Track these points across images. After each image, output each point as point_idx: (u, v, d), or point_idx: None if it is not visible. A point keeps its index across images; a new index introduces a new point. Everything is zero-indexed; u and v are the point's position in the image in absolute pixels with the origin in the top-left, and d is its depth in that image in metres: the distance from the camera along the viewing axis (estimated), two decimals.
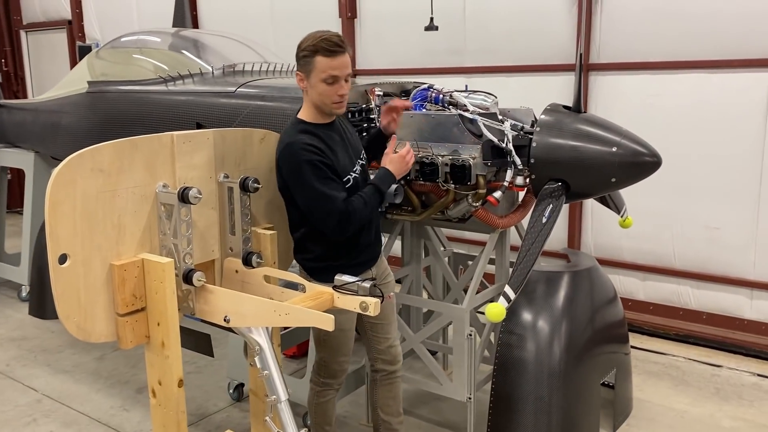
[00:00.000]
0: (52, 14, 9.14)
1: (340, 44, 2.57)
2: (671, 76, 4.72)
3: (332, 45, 2.55)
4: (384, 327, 3.06)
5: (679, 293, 4.97)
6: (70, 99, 4.75)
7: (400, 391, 3.18)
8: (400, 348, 3.16)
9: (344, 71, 2.59)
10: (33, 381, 4.38)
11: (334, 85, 2.59)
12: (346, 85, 2.62)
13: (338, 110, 2.67)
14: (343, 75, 2.60)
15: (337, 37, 2.58)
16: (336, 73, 2.57)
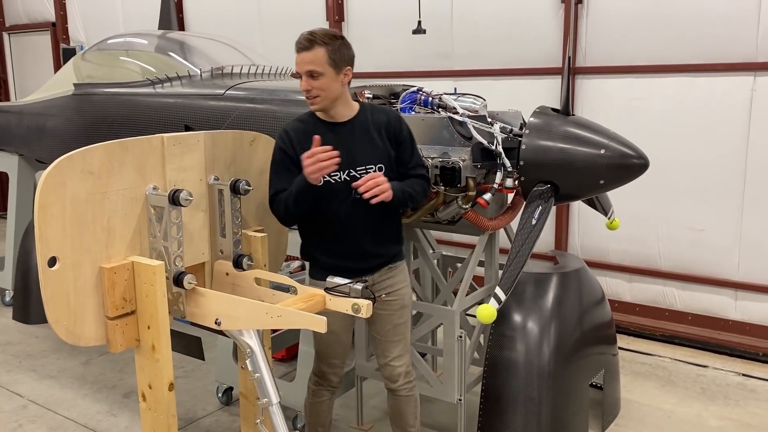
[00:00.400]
0: (35, 16, 9.05)
1: (303, 41, 2.58)
2: (656, 80, 4.78)
3: (298, 41, 2.61)
4: (382, 344, 2.95)
5: (664, 294, 5.03)
6: (56, 101, 4.70)
7: (407, 409, 3.01)
8: (404, 369, 2.95)
9: (303, 67, 2.59)
10: (18, 386, 4.32)
11: (301, 82, 2.64)
12: (307, 81, 2.60)
13: (310, 106, 2.70)
14: (303, 71, 2.60)
15: (308, 34, 2.59)
16: (297, 68, 2.64)
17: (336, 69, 2.61)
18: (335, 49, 2.60)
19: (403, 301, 2.93)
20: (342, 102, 2.72)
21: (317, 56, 2.57)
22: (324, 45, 2.57)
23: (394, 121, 2.80)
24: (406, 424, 3.02)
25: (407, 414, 3.00)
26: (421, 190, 2.85)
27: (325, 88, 2.61)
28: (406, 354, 2.97)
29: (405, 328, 2.96)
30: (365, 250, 2.80)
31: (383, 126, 2.72)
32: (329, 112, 2.73)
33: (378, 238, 2.82)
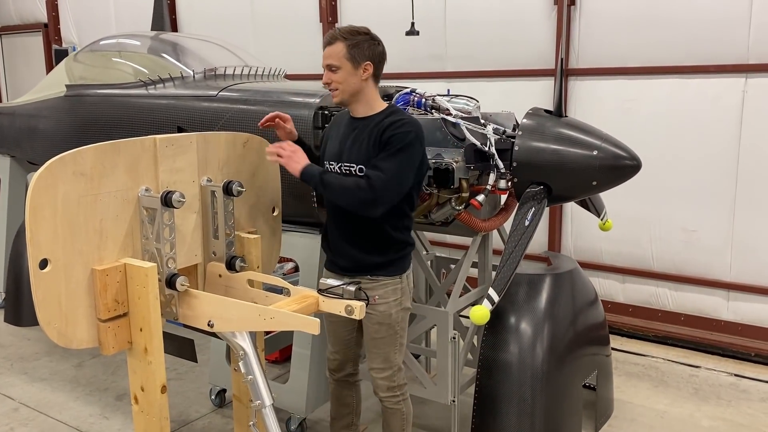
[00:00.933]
0: (27, 17, 9.01)
1: (327, 36, 2.72)
2: (648, 82, 4.81)
3: (325, 37, 2.75)
4: (366, 350, 2.97)
5: (657, 295, 5.05)
6: (48, 103, 4.68)
7: (392, 421, 2.98)
8: (387, 382, 2.90)
9: (324, 61, 2.72)
10: (9, 389, 4.30)
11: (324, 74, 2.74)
12: (327, 74, 2.71)
13: (333, 99, 2.78)
14: (323, 64, 2.72)
15: (334, 30, 2.74)
16: (323, 62, 2.73)
17: (354, 64, 2.67)
18: (354, 44, 2.66)
19: (380, 317, 2.81)
20: (362, 98, 2.74)
21: (336, 51, 2.67)
22: (344, 40, 2.67)
23: (388, 127, 2.66)
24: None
25: (392, 425, 3.00)
26: (348, 185, 2.63)
27: (342, 81, 2.68)
28: (388, 369, 2.89)
29: (385, 344, 2.86)
30: (340, 246, 2.85)
31: (380, 129, 2.68)
32: (349, 107, 2.79)
33: (354, 239, 2.80)
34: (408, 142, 2.64)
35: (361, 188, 2.60)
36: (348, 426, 3.20)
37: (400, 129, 2.65)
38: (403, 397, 2.97)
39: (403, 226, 2.83)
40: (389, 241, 2.79)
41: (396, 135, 2.64)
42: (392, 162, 2.61)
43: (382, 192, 2.60)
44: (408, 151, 2.64)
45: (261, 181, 2.95)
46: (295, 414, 3.63)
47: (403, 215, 2.81)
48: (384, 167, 2.61)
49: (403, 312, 2.89)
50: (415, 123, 2.73)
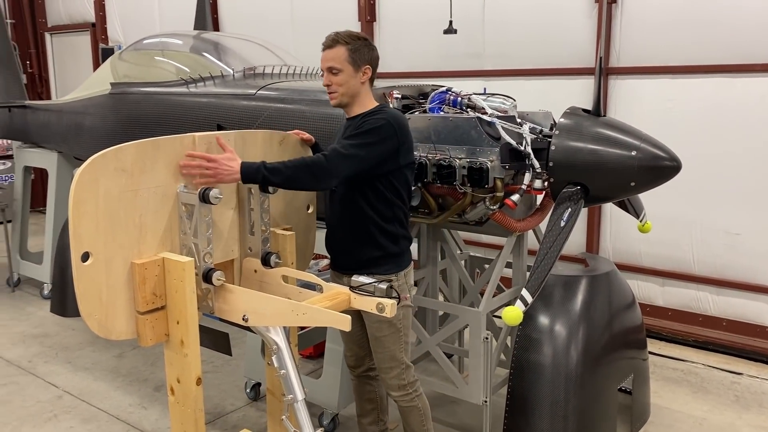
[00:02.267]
0: (76, 17, 9.29)
1: (328, 40, 2.73)
2: (691, 80, 4.69)
3: (324, 40, 2.75)
4: (374, 351, 2.96)
5: (698, 299, 4.93)
6: (93, 100, 4.82)
7: (410, 418, 3.00)
8: (396, 382, 2.92)
9: (325, 64, 2.74)
10: (54, 378, 4.45)
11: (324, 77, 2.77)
12: (327, 77, 2.74)
13: (331, 102, 2.80)
14: (324, 67, 2.75)
15: (333, 34, 2.74)
16: (321, 65, 2.77)
17: (355, 67, 2.71)
18: (355, 49, 2.71)
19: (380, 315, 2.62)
20: (358, 100, 2.78)
21: (338, 54, 2.70)
22: (345, 44, 2.70)
23: (368, 116, 2.72)
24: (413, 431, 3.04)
25: (411, 422, 3.02)
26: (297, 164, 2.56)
27: (343, 84, 2.72)
28: (397, 367, 2.89)
29: (389, 342, 2.86)
30: (336, 242, 2.91)
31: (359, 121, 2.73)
32: (346, 108, 2.82)
33: (348, 235, 2.83)
34: (376, 126, 2.66)
35: (314, 161, 2.60)
36: (375, 422, 3.22)
37: (373, 116, 2.72)
38: (416, 393, 2.98)
39: (393, 215, 2.79)
40: (381, 232, 2.77)
41: (367, 120, 2.70)
42: (352, 140, 2.66)
43: (336, 162, 2.59)
44: (373, 132, 2.65)
45: None
46: (328, 409, 3.67)
47: (390, 203, 2.77)
48: (343, 143, 2.67)
49: (404, 309, 2.87)
50: (392, 113, 2.76)
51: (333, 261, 2.98)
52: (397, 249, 2.83)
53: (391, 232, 2.81)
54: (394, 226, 2.81)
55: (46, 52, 9.90)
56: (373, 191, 2.74)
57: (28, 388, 4.30)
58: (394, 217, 2.81)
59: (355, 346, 3.11)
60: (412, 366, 2.97)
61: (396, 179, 2.77)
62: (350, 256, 2.85)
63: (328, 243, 2.96)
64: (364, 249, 2.80)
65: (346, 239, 2.85)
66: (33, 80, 9.85)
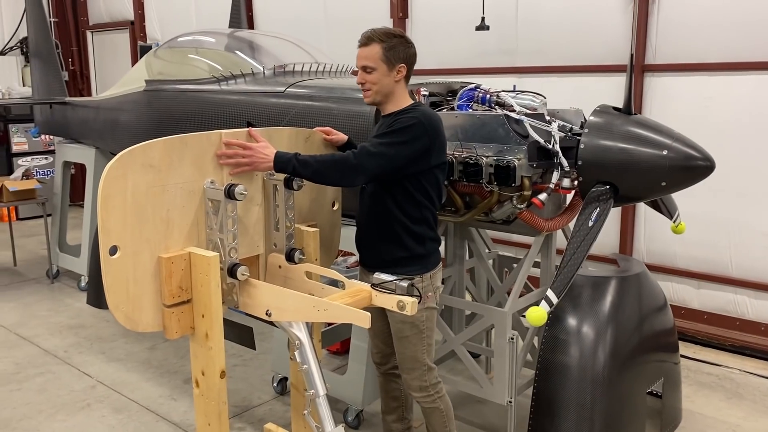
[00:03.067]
0: (116, 15, 9.49)
1: (361, 37, 2.73)
2: (729, 78, 4.57)
3: (359, 38, 2.74)
4: (396, 351, 2.95)
5: (735, 303, 4.80)
6: (129, 97, 4.92)
7: (432, 419, 2.99)
8: (418, 383, 2.91)
9: (359, 62, 2.74)
10: (88, 368, 4.56)
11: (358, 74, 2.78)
12: (361, 75, 2.74)
13: (364, 99, 2.81)
14: (358, 65, 2.75)
15: (368, 31, 2.73)
16: (356, 63, 2.77)
17: (389, 66, 2.70)
18: (390, 47, 2.69)
19: (403, 316, 2.60)
20: (392, 98, 2.77)
21: (372, 52, 2.69)
22: (380, 42, 2.69)
23: (401, 114, 2.72)
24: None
25: (434, 423, 3.00)
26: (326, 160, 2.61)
27: (376, 82, 2.71)
28: (418, 369, 2.89)
29: (411, 343, 2.85)
30: (363, 239, 2.92)
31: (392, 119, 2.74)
32: (381, 106, 2.82)
33: (375, 233, 2.83)
34: (408, 125, 2.65)
35: (343, 158, 2.62)
36: (399, 419, 3.22)
37: (405, 115, 2.70)
38: (438, 395, 2.95)
39: (420, 217, 2.77)
40: (406, 233, 2.76)
41: (399, 119, 2.69)
42: (383, 138, 2.66)
43: (365, 160, 2.60)
44: (404, 132, 2.64)
45: None
46: (353, 405, 3.69)
47: (417, 204, 2.74)
48: (373, 141, 2.68)
49: (428, 311, 2.85)
50: (425, 112, 2.74)
51: (361, 258, 2.98)
52: (423, 250, 2.81)
53: (418, 234, 2.79)
54: (421, 227, 2.79)
55: (87, 49, 10.14)
56: (401, 191, 2.73)
57: (63, 377, 4.43)
58: (421, 218, 2.79)
59: (381, 344, 3.11)
60: (435, 368, 2.95)
61: (426, 180, 2.75)
62: (376, 254, 2.86)
63: (357, 239, 2.97)
64: (390, 248, 2.80)
65: (373, 237, 2.86)
66: (74, 77, 10.11)
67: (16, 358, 4.72)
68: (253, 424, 3.79)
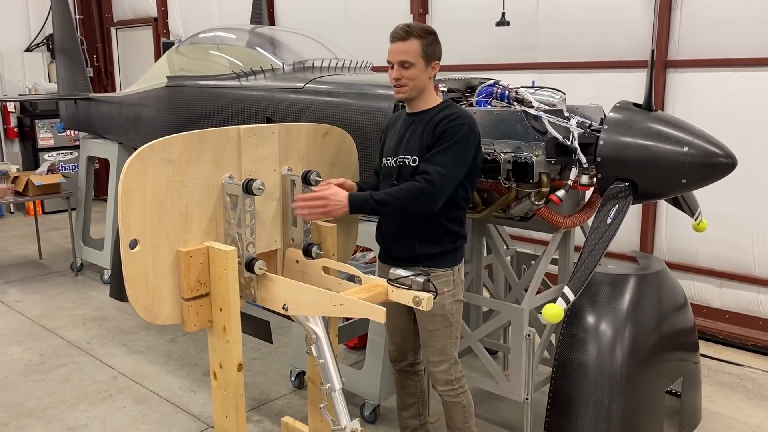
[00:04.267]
0: (139, 12, 9.61)
1: (400, 31, 2.67)
2: (755, 74, 4.49)
3: (394, 32, 2.70)
4: (422, 345, 2.98)
5: (759, 302, 4.73)
6: (151, 93, 4.98)
7: (453, 413, 3.00)
8: (445, 376, 2.92)
9: (396, 57, 2.68)
10: (110, 359, 4.64)
11: (390, 70, 2.73)
12: (398, 70, 2.68)
13: (396, 94, 2.77)
14: (395, 60, 2.69)
15: (405, 25, 2.69)
16: (389, 58, 2.72)
17: (426, 62, 2.69)
18: (429, 43, 2.68)
19: (434, 308, 2.62)
20: (424, 95, 2.76)
21: (411, 47, 2.66)
22: (419, 38, 2.66)
23: (443, 119, 2.69)
24: (455, 427, 3.03)
25: (454, 417, 3.01)
26: (405, 195, 2.60)
27: (413, 78, 2.69)
28: (446, 362, 2.90)
29: (440, 336, 2.87)
30: (394, 237, 2.87)
31: (434, 123, 2.70)
32: (411, 102, 2.80)
33: (407, 230, 2.81)
34: (463, 134, 2.65)
35: (420, 188, 2.59)
36: (415, 416, 3.23)
37: (453, 122, 2.67)
38: (462, 389, 2.96)
39: (456, 217, 2.80)
40: (443, 232, 2.79)
41: (450, 128, 2.65)
42: (447, 155, 2.63)
43: (441, 184, 2.60)
44: (462, 143, 2.65)
45: (340, 171, 3.01)
46: (369, 400, 3.70)
47: (457, 206, 2.78)
48: (440, 161, 2.63)
49: (457, 304, 2.88)
50: (468, 116, 2.73)
51: (386, 252, 2.95)
52: (453, 247, 2.84)
53: (452, 231, 2.82)
54: (455, 225, 2.82)
55: (111, 46, 10.28)
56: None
57: (86, 368, 4.51)
58: (456, 217, 2.82)
59: (399, 340, 3.12)
60: (459, 361, 2.97)
61: (469, 180, 2.77)
62: (407, 249, 2.83)
63: (382, 234, 2.94)
64: (423, 246, 2.79)
65: (406, 235, 2.83)
66: (99, 73, 10.25)
67: (40, 349, 4.81)
68: (270, 417, 3.82)
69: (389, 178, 2.84)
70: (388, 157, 2.86)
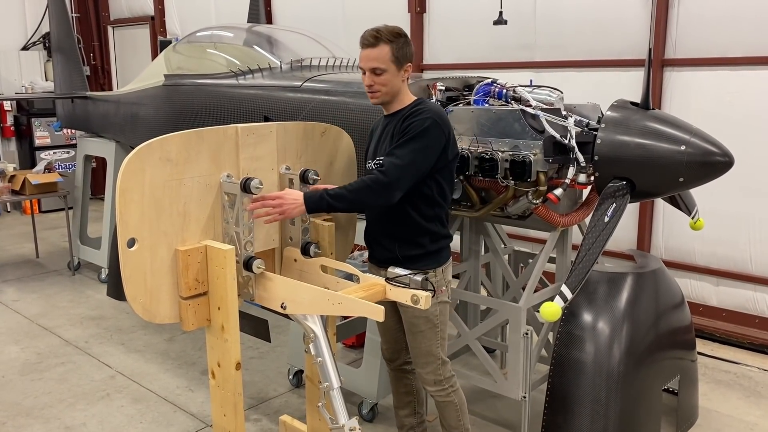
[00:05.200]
0: (136, 10, 9.58)
1: (369, 37, 2.64)
2: (752, 73, 4.50)
3: (363, 38, 2.67)
4: (410, 346, 2.96)
5: (755, 300, 4.74)
6: (148, 91, 4.97)
7: (446, 412, 3.00)
8: (433, 377, 2.91)
9: (367, 64, 2.66)
10: (108, 358, 4.63)
11: (363, 76, 2.70)
12: (370, 77, 2.67)
13: (371, 100, 2.76)
14: (366, 67, 2.67)
15: (373, 31, 2.66)
16: (360, 64, 2.70)
17: (398, 66, 2.67)
18: (399, 47, 2.66)
19: (417, 311, 2.69)
20: (398, 97, 2.75)
21: (382, 53, 2.64)
22: (389, 42, 2.64)
23: (408, 116, 2.68)
24: (449, 426, 3.03)
25: (447, 417, 3.01)
26: (358, 187, 2.57)
27: (386, 84, 2.68)
28: (432, 363, 2.89)
29: (425, 338, 2.85)
30: (376, 238, 2.88)
31: (401, 120, 2.70)
32: (386, 106, 2.79)
33: (387, 232, 2.80)
34: (424, 127, 2.61)
35: (373, 180, 2.57)
36: (412, 414, 3.23)
37: (417, 116, 2.65)
38: (452, 388, 2.96)
39: (434, 215, 2.77)
40: (422, 232, 2.76)
41: (413, 122, 2.64)
42: (405, 147, 2.60)
43: (396, 175, 2.56)
44: (424, 135, 2.61)
45: (338, 169, 3.02)
46: (367, 398, 3.71)
47: (432, 203, 2.74)
48: (396, 152, 2.60)
49: (441, 305, 2.85)
50: (434, 110, 2.70)
51: (371, 254, 2.98)
52: (435, 247, 2.81)
53: (432, 231, 2.78)
54: (434, 225, 2.78)
55: (108, 44, 10.25)
56: (416, 191, 2.69)
57: (83, 367, 4.50)
58: (435, 216, 2.78)
59: (391, 339, 3.12)
60: (448, 361, 2.96)
61: (442, 176, 2.74)
62: (388, 251, 2.82)
63: (366, 235, 2.95)
64: (403, 247, 2.78)
65: (385, 236, 2.83)
66: (96, 72, 10.23)
67: (38, 348, 4.81)
68: (269, 416, 3.83)
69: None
70: (368, 161, 2.85)
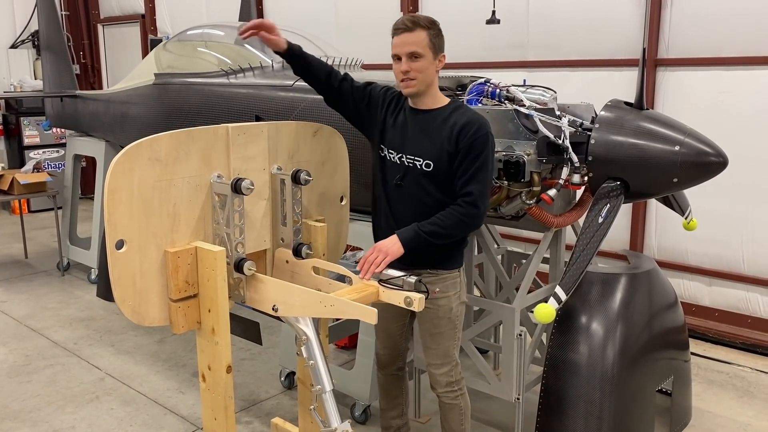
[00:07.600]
0: (126, 9, 9.51)
1: (406, 22, 2.58)
2: (745, 73, 4.50)
3: (398, 22, 2.61)
4: (423, 347, 2.94)
5: (747, 300, 4.75)
6: (138, 90, 4.92)
7: (450, 415, 2.96)
8: (445, 378, 2.89)
9: (404, 48, 2.58)
10: (98, 360, 4.58)
11: (397, 63, 2.62)
12: (407, 62, 2.57)
13: (405, 89, 2.66)
14: (403, 52, 2.58)
15: (409, 16, 2.62)
16: (395, 51, 2.61)
17: (434, 54, 2.62)
18: (435, 34, 2.61)
19: (439, 312, 2.77)
20: (431, 91, 2.68)
21: (419, 38, 2.57)
22: (426, 28, 2.58)
23: (465, 126, 2.59)
24: (450, 429, 3.00)
25: (451, 420, 2.98)
26: (453, 223, 2.58)
27: (422, 71, 2.60)
28: (447, 364, 2.87)
29: (443, 339, 2.84)
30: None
31: (456, 127, 2.60)
32: (417, 98, 2.70)
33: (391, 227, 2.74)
34: (489, 146, 2.63)
35: (466, 214, 2.58)
36: (400, 415, 3.21)
37: (478, 134, 2.59)
38: (461, 391, 2.94)
39: None
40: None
41: (476, 141, 2.58)
42: (483, 171, 2.60)
43: (483, 204, 2.60)
44: (490, 153, 2.63)
45: (330, 170, 2.98)
46: (360, 400, 3.68)
47: None
48: (479, 178, 2.59)
49: (462, 306, 2.87)
50: (486, 123, 2.66)
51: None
52: (459, 249, 2.81)
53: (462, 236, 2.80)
54: None
55: (98, 43, 10.17)
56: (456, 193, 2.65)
57: (72, 369, 4.45)
58: None
59: (391, 346, 3.08)
60: (460, 363, 2.94)
61: None
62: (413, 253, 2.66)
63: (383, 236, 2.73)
64: (432, 250, 2.68)
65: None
66: (86, 70, 10.15)
67: (26, 350, 4.75)
68: (260, 418, 3.79)
69: (392, 173, 2.75)
70: (390, 150, 2.76)
